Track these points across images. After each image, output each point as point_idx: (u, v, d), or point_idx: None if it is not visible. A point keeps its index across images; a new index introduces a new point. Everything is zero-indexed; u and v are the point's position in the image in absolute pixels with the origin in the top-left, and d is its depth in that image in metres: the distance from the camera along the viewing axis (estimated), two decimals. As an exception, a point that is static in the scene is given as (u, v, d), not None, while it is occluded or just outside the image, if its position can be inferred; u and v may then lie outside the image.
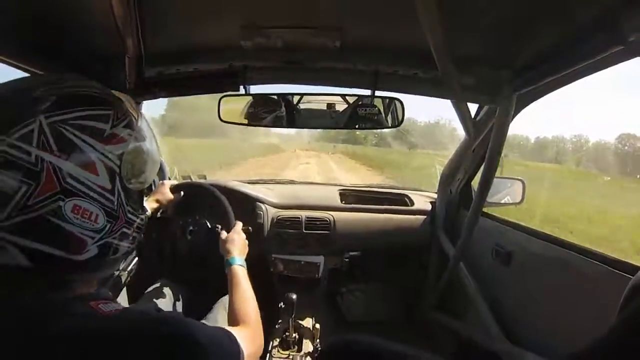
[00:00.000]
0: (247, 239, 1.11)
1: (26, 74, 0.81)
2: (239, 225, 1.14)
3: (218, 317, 1.12)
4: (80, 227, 0.44)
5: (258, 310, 0.82)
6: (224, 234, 1.09)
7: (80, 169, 0.43)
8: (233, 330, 0.57)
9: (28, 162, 0.41)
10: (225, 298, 1.14)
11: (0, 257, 0.42)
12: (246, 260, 0.99)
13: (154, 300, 1.19)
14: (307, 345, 1.38)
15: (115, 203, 0.47)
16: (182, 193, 1.30)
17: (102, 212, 0.46)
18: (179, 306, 1.25)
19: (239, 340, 0.55)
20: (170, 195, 1.25)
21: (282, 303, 1.31)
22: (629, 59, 0.68)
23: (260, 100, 1.16)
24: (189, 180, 1.70)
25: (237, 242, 1.04)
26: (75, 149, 0.43)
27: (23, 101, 0.43)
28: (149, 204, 1.18)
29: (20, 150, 0.41)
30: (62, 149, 0.42)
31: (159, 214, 1.25)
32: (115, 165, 0.47)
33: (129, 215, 0.50)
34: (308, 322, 1.48)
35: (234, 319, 0.77)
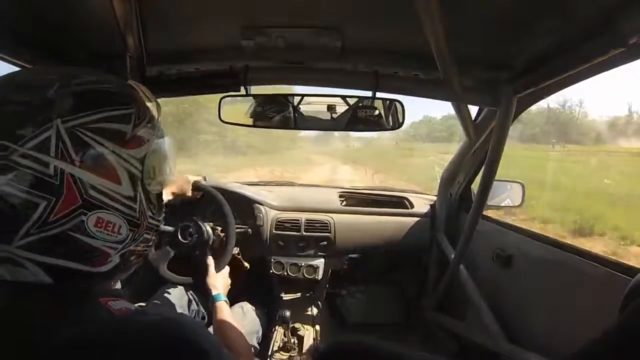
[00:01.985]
0: (246, 240, 1.12)
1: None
2: (227, 270, 1.18)
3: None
4: (104, 240, 0.41)
5: (248, 344, 0.89)
6: (212, 270, 1.11)
7: (102, 178, 0.40)
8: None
9: (46, 175, 0.37)
10: (233, 307, 1.17)
11: (19, 274, 0.39)
12: (246, 262, 1.01)
13: (161, 303, 1.19)
14: (307, 348, 1.37)
15: (138, 210, 0.44)
16: (201, 194, 1.29)
17: (125, 222, 0.43)
18: (186, 310, 1.24)
19: None
20: (189, 192, 1.23)
21: (277, 317, 1.31)
22: (630, 62, 0.69)
23: (261, 101, 1.16)
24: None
25: (223, 282, 1.10)
26: (97, 157, 0.39)
27: (36, 102, 0.38)
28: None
29: (37, 161, 0.36)
30: (82, 157, 0.38)
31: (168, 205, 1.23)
32: (137, 171, 0.43)
33: (150, 221, 0.47)
34: (307, 327, 1.47)
35: (230, 348, 0.79)
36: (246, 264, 1.35)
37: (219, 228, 1.27)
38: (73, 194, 0.38)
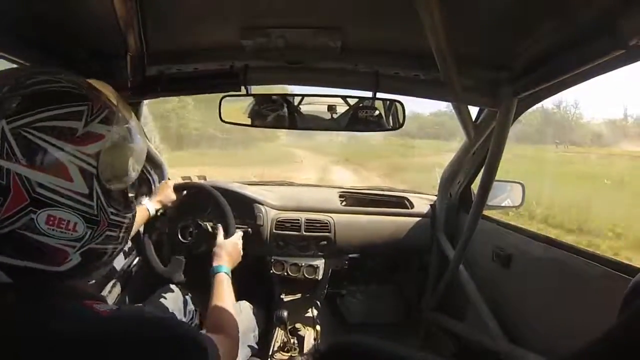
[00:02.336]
0: (246, 240, 1.11)
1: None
2: (239, 234, 1.14)
3: None
4: (58, 238, 0.41)
5: (237, 320, 0.82)
6: (220, 237, 1.08)
7: (51, 176, 0.40)
8: (215, 339, 0.56)
9: None
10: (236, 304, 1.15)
11: None
12: (246, 261, 0.98)
13: (159, 302, 1.19)
14: (307, 348, 1.37)
15: (95, 207, 0.43)
16: (184, 192, 1.30)
17: (81, 219, 0.42)
18: (184, 309, 1.24)
19: (220, 352, 0.54)
20: (173, 196, 1.25)
21: (275, 317, 1.31)
22: (630, 63, 0.68)
23: (262, 102, 1.16)
24: (190, 181, 1.69)
25: (231, 251, 1.03)
26: (44, 154, 0.39)
27: None
28: (152, 205, 1.17)
29: None
30: (28, 156, 0.38)
31: (159, 213, 1.24)
32: (91, 167, 0.43)
33: (113, 218, 0.46)
34: (307, 327, 1.47)
35: (215, 326, 0.76)
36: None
37: (219, 224, 1.27)
38: (20, 192, 0.38)
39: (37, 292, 0.42)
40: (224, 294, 0.87)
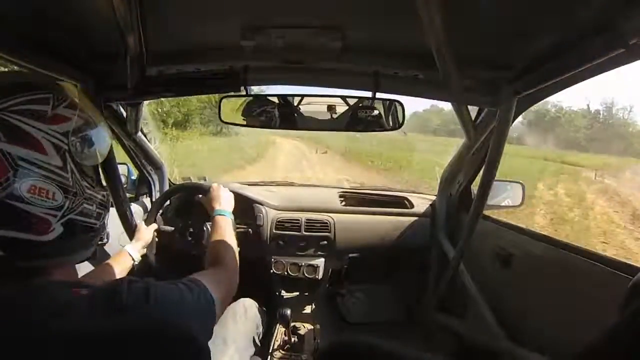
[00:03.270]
0: (246, 240, 1.10)
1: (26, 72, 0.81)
2: (222, 186, 1.13)
3: (228, 321, 1.10)
4: (40, 206, 0.46)
5: (236, 254, 0.85)
6: (214, 191, 1.07)
7: (29, 150, 0.45)
8: (207, 276, 0.61)
9: None
10: (235, 303, 1.15)
11: None
12: (246, 262, 0.98)
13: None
14: (307, 347, 1.37)
15: (70, 180, 0.49)
16: (155, 227, 1.27)
17: (59, 189, 0.48)
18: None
19: (211, 287, 0.58)
20: (149, 236, 1.22)
21: (277, 315, 1.31)
22: (631, 62, 0.68)
23: (261, 101, 1.16)
24: (189, 182, 1.70)
25: (222, 197, 1.05)
26: (21, 132, 0.45)
27: None
28: (135, 251, 1.13)
29: None
30: (7, 134, 0.44)
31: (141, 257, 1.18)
32: (62, 143, 0.48)
33: (88, 191, 0.52)
34: (307, 326, 1.47)
35: (213, 260, 0.81)
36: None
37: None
38: (3, 165, 0.43)
39: (28, 264, 0.47)
40: (226, 231, 0.91)
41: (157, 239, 1.27)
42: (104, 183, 0.61)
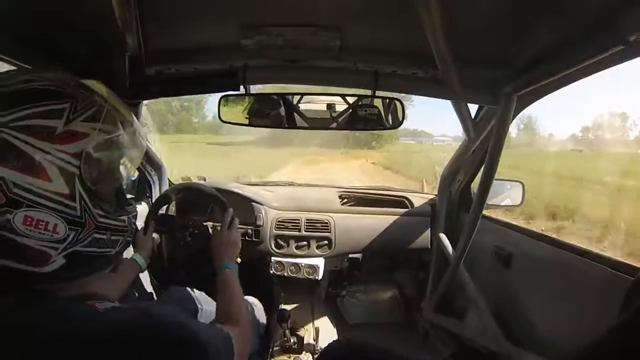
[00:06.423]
0: (246, 240, 1.09)
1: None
2: (235, 223, 1.07)
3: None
4: (38, 239, 0.40)
5: (247, 312, 0.81)
6: (216, 234, 1.04)
7: (27, 175, 0.39)
8: (229, 330, 0.56)
9: None
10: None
11: None
12: (246, 262, 0.96)
13: (167, 303, 1.17)
14: (307, 348, 1.37)
15: (79, 209, 0.42)
16: (154, 236, 1.21)
17: (62, 221, 0.41)
18: (190, 309, 1.24)
19: (233, 341, 0.54)
20: (149, 244, 1.14)
21: (277, 315, 1.30)
22: (630, 59, 0.68)
23: (261, 101, 1.16)
24: (189, 182, 1.70)
25: (229, 245, 1.00)
26: (19, 154, 0.38)
27: None
28: (141, 259, 1.08)
29: None
30: (3, 156, 0.38)
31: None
32: (72, 167, 0.41)
33: (101, 220, 0.45)
34: (307, 327, 1.47)
35: (226, 318, 0.75)
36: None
37: (219, 224, 1.26)
38: None
39: (26, 291, 0.42)
40: (235, 287, 0.87)
41: (157, 243, 1.27)
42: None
